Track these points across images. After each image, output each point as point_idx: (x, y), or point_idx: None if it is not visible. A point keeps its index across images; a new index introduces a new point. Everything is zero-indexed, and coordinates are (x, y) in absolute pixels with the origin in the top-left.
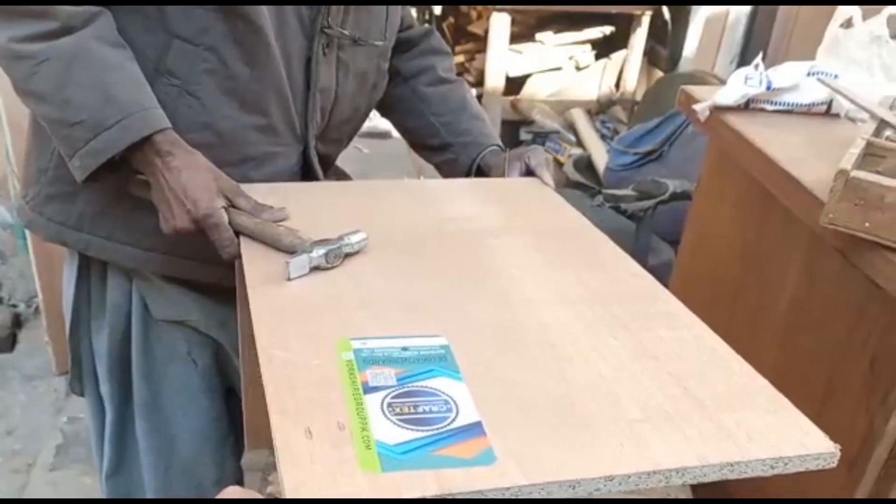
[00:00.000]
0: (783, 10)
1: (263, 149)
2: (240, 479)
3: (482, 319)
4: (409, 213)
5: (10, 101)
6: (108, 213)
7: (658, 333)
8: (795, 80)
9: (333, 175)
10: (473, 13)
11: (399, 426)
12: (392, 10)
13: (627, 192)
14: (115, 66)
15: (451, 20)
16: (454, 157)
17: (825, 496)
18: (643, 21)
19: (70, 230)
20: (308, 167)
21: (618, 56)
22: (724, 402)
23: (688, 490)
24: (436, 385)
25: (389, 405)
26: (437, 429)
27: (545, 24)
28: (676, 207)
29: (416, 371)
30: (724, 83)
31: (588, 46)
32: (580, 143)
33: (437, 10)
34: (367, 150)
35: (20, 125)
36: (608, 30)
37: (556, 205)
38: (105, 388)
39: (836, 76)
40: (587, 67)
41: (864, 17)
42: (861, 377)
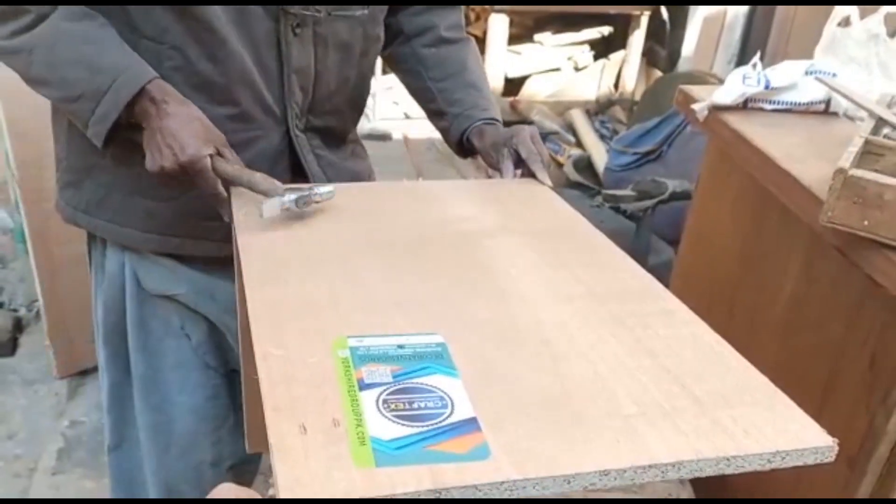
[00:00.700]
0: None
1: (240, 136)
2: (239, 463)
3: (479, 318)
4: (407, 214)
5: (11, 107)
6: (108, 200)
7: (655, 331)
8: (793, 79)
9: (351, 151)
10: (472, 14)
11: (394, 422)
12: None
13: (627, 193)
14: (91, 38)
15: None
16: (447, 127)
17: (827, 495)
18: (641, 21)
19: (81, 214)
20: (292, 146)
21: (616, 56)
22: (721, 398)
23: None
24: (431, 382)
25: (385, 401)
26: (432, 424)
27: (543, 25)
28: (676, 207)
29: (412, 368)
30: (723, 83)
31: (587, 47)
32: (579, 144)
33: None
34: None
35: (22, 133)
36: (606, 30)
37: (554, 204)
38: (102, 355)
39: (834, 75)
40: (586, 68)
41: (862, 17)
42: (861, 375)
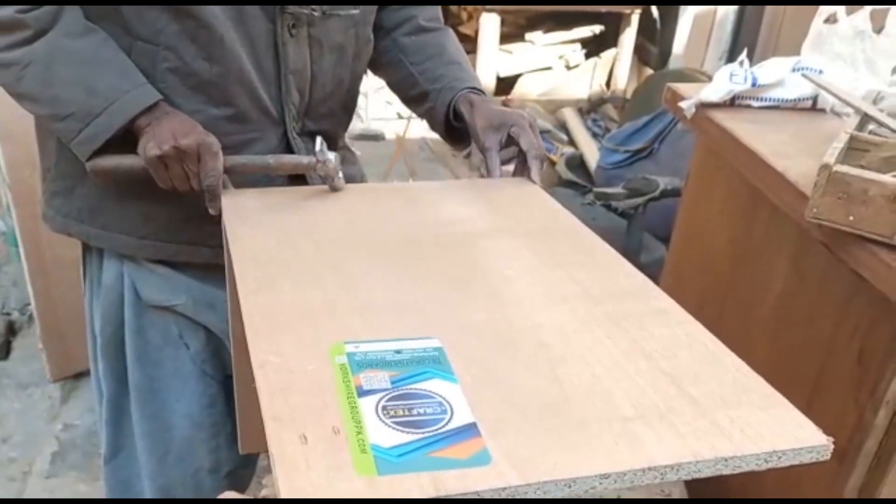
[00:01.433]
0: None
1: (238, 137)
2: (236, 468)
3: (476, 321)
4: (401, 216)
5: (2, 112)
6: (102, 206)
7: (651, 331)
8: (780, 76)
9: (342, 157)
10: (464, 14)
11: (394, 429)
12: None
13: (618, 190)
14: (91, 58)
15: None
16: (432, 106)
17: (817, 489)
18: (632, 20)
19: (73, 222)
20: (291, 148)
21: (608, 55)
22: (718, 399)
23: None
24: (430, 387)
25: (384, 408)
26: (432, 431)
27: (535, 24)
28: (667, 204)
29: (410, 373)
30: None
31: (578, 45)
32: (572, 142)
33: None
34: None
35: (12, 135)
36: (598, 29)
37: (548, 204)
38: (101, 366)
39: (821, 71)
40: (577, 66)
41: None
42: (849, 370)
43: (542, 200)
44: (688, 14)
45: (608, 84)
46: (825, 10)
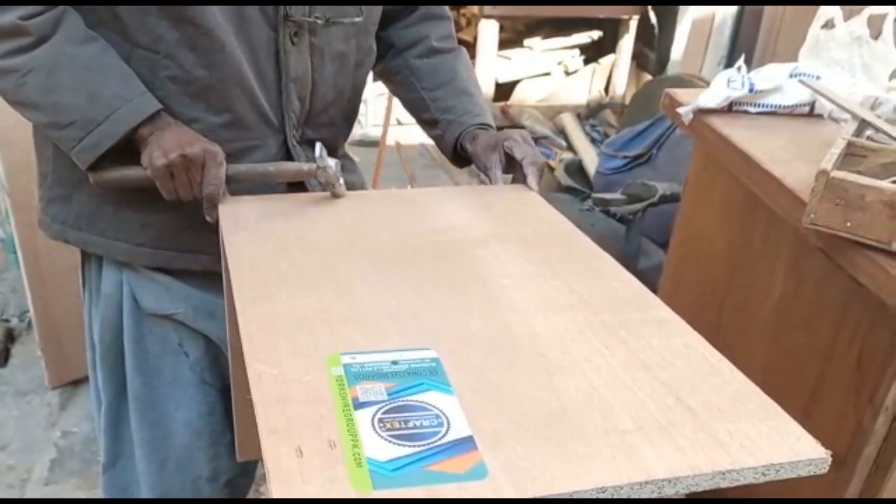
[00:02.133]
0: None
1: (237, 145)
2: (235, 477)
3: (473, 330)
4: (399, 224)
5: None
6: (100, 213)
7: (649, 342)
8: (777, 82)
9: (343, 165)
10: (462, 20)
11: (390, 442)
12: None
13: (617, 196)
14: (94, 65)
15: None
16: (441, 134)
17: (816, 495)
18: (631, 26)
19: (70, 229)
20: (290, 157)
21: (606, 60)
22: (716, 411)
23: None
24: (426, 399)
25: (380, 421)
26: (429, 444)
27: (533, 30)
28: (666, 210)
29: (407, 385)
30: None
31: (577, 51)
32: (571, 148)
33: None
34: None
35: (11, 142)
36: (596, 34)
37: (546, 212)
38: (99, 375)
39: (818, 77)
40: (576, 72)
41: (846, 18)
42: (848, 376)
43: (541, 208)
44: (686, 20)
45: (607, 90)
46: (822, 16)
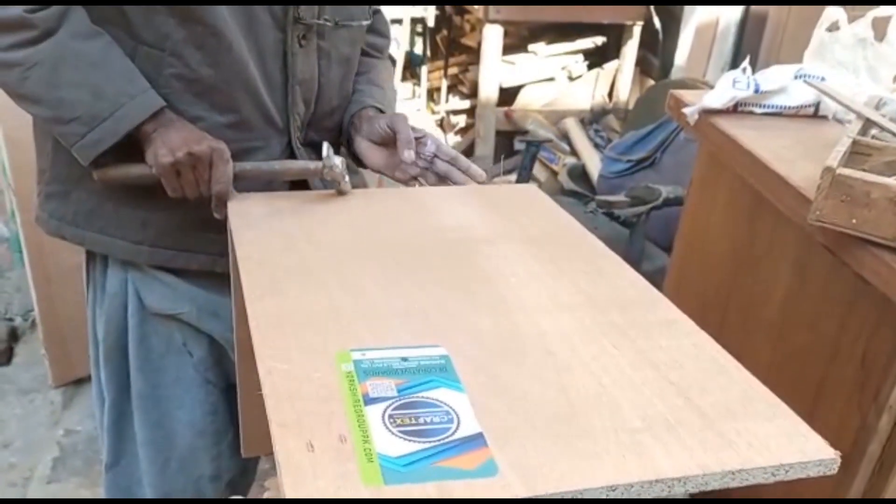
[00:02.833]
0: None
1: (240, 145)
2: (237, 476)
3: (481, 328)
4: (406, 222)
5: (6, 115)
6: (99, 210)
7: (657, 341)
8: (782, 83)
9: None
10: (466, 25)
11: (400, 438)
12: None
13: (621, 198)
14: (99, 61)
15: (445, 33)
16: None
17: (819, 495)
18: (634, 31)
19: (68, 225)
20: (294, 158)
21: (610, 66)
22: (725, 411)
23: None
24: (436, 396)
25: (390, 417)
26: (439, 440)
27: (537, 36)
28: (669, 213)
29: (417, 382)
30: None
31: (580, 57)
32: (574, 152)
33: (431, 23)
34: None
35: (18, 141)
36: (600, 40)
37: (553, 211)
38: (103, 374)
39: (823, 78)
40: (580, 77)
41: (850, 20)
42: (853, 374)
43: (548, 207)
44: (690, 26)
45: (610, 95)
46: (827, 18)
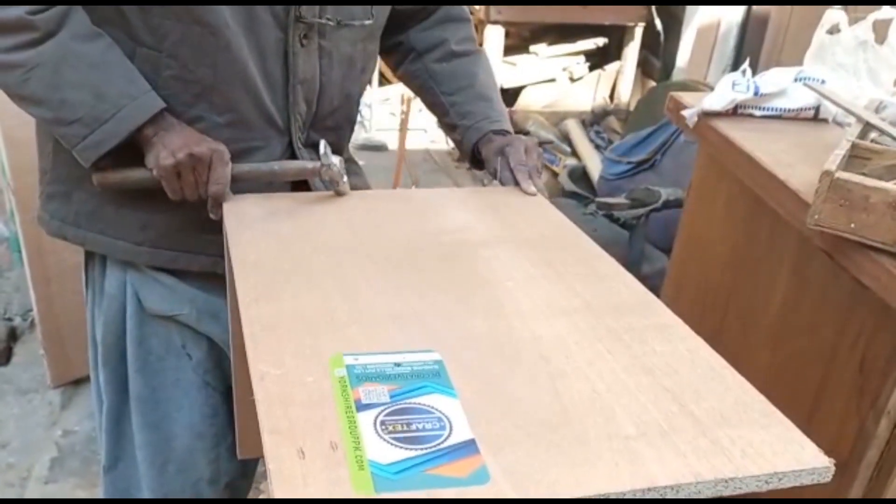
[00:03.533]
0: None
1: (240, 145)
2: (235, 479)
3: (476, 333)
4: (403, 224)
5: (6, 115)
6: (100, 211)
7: (652, 347)
8: (782, 86)
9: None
10: None
11: (392, 445)
12: None
13: (621, 200)
14: (100, 62)
15: None
16: (460, 139)
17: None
18: (636, 33)
19: (69, 226)
20: (295, 159)
21: (611, 67)
22: (720, 417)
23: None
24: (429, 402)
25: (382, 423)
26: (431, 447)
27: (539, 37)
28: (669, 215)
29: (410, 387)
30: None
31: (582, 58)
32: (575, 154)
33: None
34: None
35: (17, 141)
36: (601, 41)
37: (550, 215)
38: (102, 376)
39: (823, 81)
40: (581, 79)
41: (851, 22)
42: (851, 379)
43: (546, 210)
44: (691, 28)
45: (611, 96)
46: (828, 21)
